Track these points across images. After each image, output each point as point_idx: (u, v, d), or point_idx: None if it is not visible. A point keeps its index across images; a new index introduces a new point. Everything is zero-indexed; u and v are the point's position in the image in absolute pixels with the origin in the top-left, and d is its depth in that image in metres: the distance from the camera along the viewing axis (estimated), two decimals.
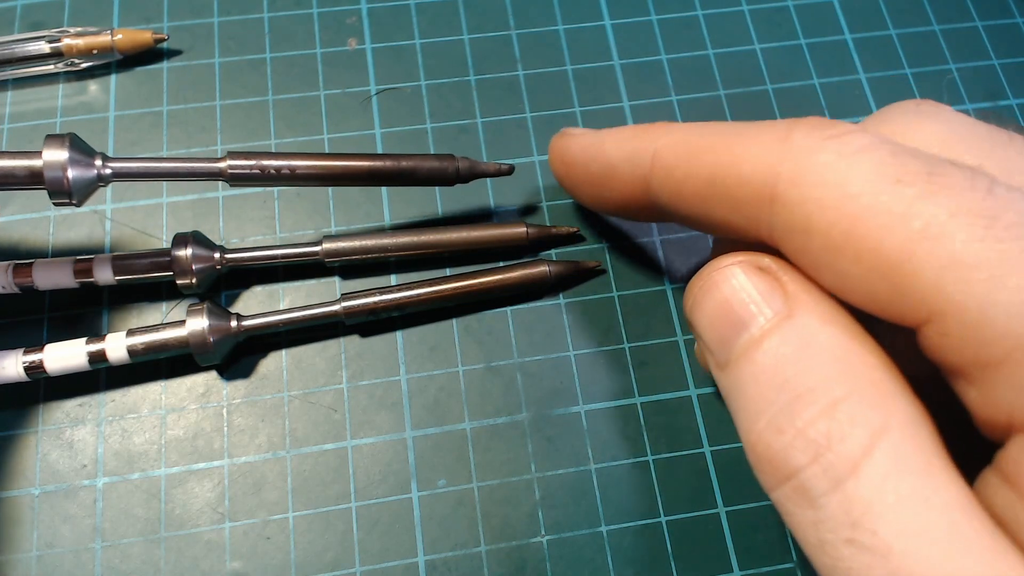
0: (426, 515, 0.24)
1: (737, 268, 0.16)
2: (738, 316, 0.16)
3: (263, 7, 0.31)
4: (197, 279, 0.25)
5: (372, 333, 0.26)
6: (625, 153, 0.20)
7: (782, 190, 0.15)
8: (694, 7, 0.32)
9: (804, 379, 0.14)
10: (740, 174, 0.16)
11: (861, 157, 0.14)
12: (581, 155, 0.22)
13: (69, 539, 0.24)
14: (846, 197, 0.14)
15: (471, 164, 0.25)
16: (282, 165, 0.23)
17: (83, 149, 0.22)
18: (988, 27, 0.32)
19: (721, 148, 0.17)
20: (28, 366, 0.23)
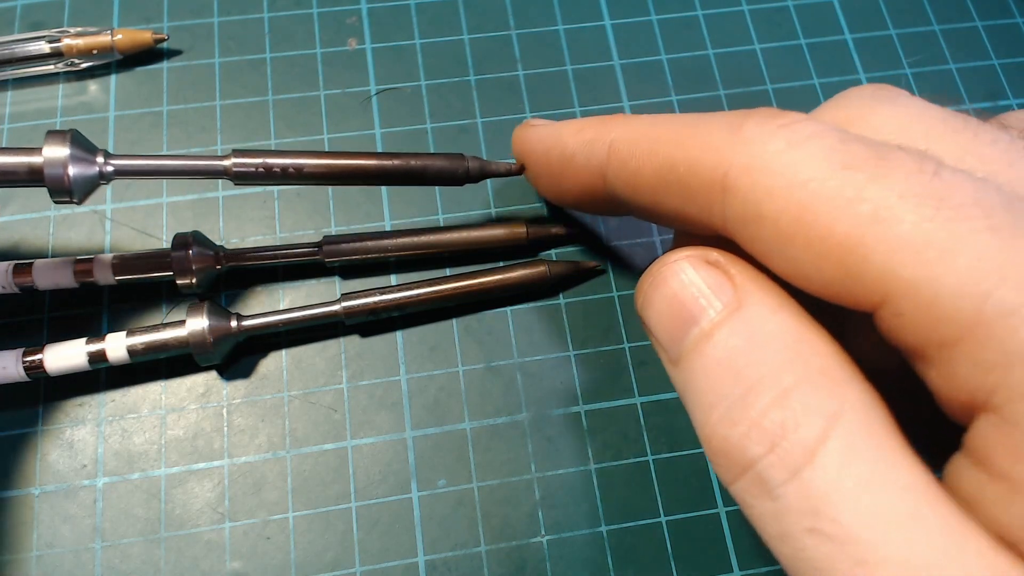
0: (426, 515, 0.24)
1: (685, 263, 0.16)
2: (687, 311, 0.16)
3: (263, 7, 0.31)
4: (197, 279, 0.25)
5: (372, 333, 0.26)
6: (581, 144, 0.20)
7: (733, 179, 0.15)
8: (694, 7, 0.32)
9: (755, 370, 0.14)
10: (692, 165, 0.16)
11: (810, 144, 0.14)
12: (539, 145, 0.22)
13: (69, 539, 0.24)
14: (795, 184, 0.14)
15: (481, 164, 0.24)
16: (288, 164, 0.23)
17: (85, 146, 0.21)
18: (988, 27, 0.32)
19: (674, 139, 0.17)
20: (28, 366, 0.23)
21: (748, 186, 0.15)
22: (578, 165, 0.20)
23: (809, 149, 0.14)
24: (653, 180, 0.17)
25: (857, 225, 0.13)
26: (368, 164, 0.23)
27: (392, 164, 0.23)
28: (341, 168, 0.23)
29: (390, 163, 0.23)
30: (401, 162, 0.24)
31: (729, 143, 0.15)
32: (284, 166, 0.23)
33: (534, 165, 0.23)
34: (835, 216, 0.13)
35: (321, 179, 0.23)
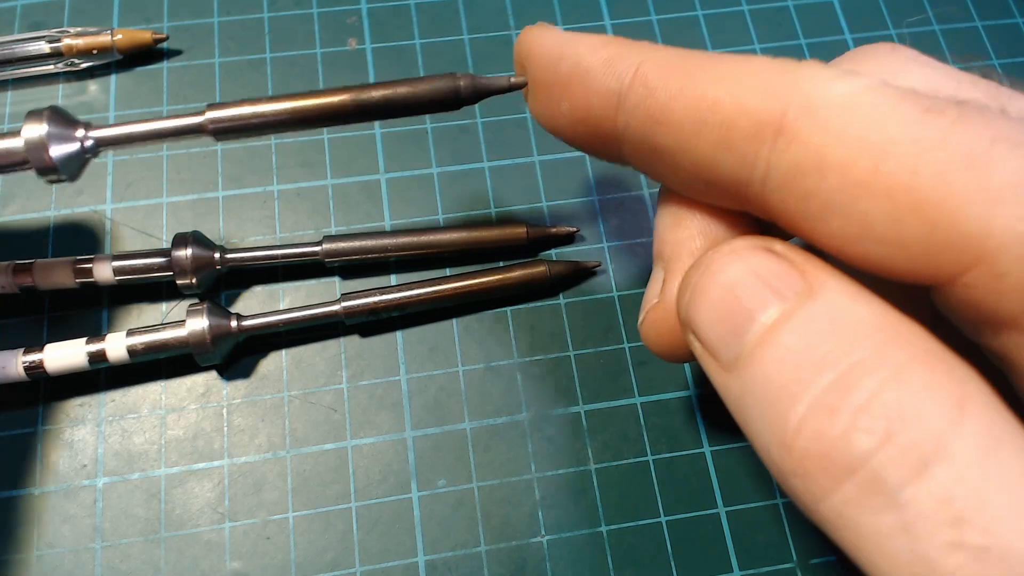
0: (426, 515, 0.24)
1: (744, 251, 0.14)
2: (747, 305, 0.13)
3: (263, 7, 0.31)
4: (197, 279, 0.25)
5: (372, 333, 0.26)
6: (602, 59, 0.16)
7: (791, 121, 0.13)
8: (694, 7, 0.32)
9: (850, 354, 0.12)
10: (739, 103, 0.14)
11: (881, 89, 0.13)
12: (548, 51, 0.18)
13: (69, 539, 0.24)
14: (871, 128, 0.12)
15: (475, 81, 0.22)
16: (265, 111, 0.21)
17: (65, 121, 0.21)
18: (988, 27, 0.32)
19: (716, 73, 0.14)
20: (28, 366, 0.23)
21: (811, 129, 0.13)
22: (591, 84, 0.17)
23: (881, 92, 0.13)
24: (685, 117, 0.15)
25: (946, 173, 0.11)
26: (349, 99, 0.21)
27: (376, 96, 0.21)
28: (320, 109, 0.21)
29: (374, 94, 0.21)
30: (386, 92, 0.21)
31: (786, 83, 0.13)
32: (261, 115, 0.21)
33: (537, 74, 0.18)
34: (920, 163, 0.12)
35: (301, 124, 0.21)
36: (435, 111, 0.22)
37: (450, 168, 0.29)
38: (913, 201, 0.12)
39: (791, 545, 0.24)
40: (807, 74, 0.13)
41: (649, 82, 0.15)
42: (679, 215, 0.17)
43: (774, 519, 0.24)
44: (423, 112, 0.22)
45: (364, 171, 0.29)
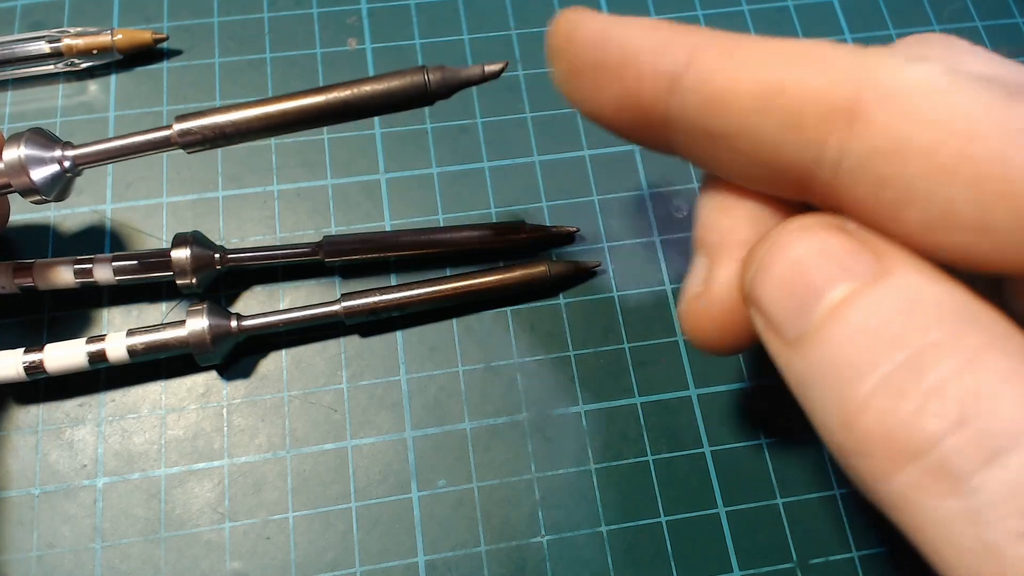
0: (426, 515, 0.24)
1: (814, 226, 0.13)
2: (817, 280, 0.13)
3: (263, 7, 0.31)
4: (197, 279, 0.25)
5: (372, 333, 0.26)
6: (654, 42, 0.15)
7: (868, 105, 0.12)
8: (694, 7, 0.32)
9: (925, 333, 0.11)
10: (809, 86, 0.13)
11: (960, 74, 0.12)
12: (595, 34, 0.16)
13: (69, 539, 0.24)
14: (955, 112, 0.12)
15: (445, 74, 0.21)
16: (229, 121, 0.21)
17: (44, 143, 0.21)
18: (988, 27, 0.32)
19: (780, 55, 0.14)
20: (28, 366, 0.23)
21: (891, 113, 0.12)
22: (643, 67, 0.15)
23: (961, 77, 0.12)
24: (747, 101, 0.14)
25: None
26: (316, 101, 0.21)
27: (342, 96, 0.21)
28: (287, 114, 0.21)
29: (339, 95, 0.21)
30: (351, 92, 0.21)
31: (858, 66, 0.13)
32: (225, 125, 0.21)
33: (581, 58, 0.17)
34: (1010, 148, 0.11)
35: (271, 130, 0.21)
36: (407, 107, 0.21)
37: (450, 168, 0.29)
38: (1002, 188, 0.11)
39: (791, 545, 0.24)
40: (878, 58, 0.13)
41: (707, 64, 0.14)
42: (726, 203, 0.17)
43: (774, 519, 0.24)
44: (396, 109, 0.21)
45: (364, 171, 0.29)
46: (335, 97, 0.21)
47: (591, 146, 0.29)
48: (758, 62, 0.14)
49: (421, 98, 0.21)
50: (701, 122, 0.15)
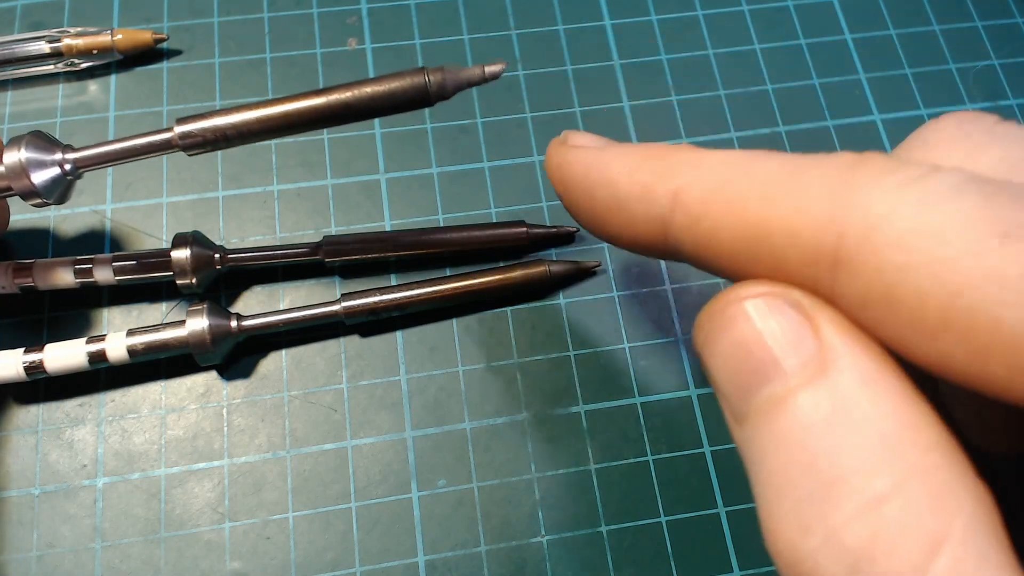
0: (426, 515, 0.24)
1: (760, 302, 0.13)
2: (758, 363, 0.13)
3: (263, 7, 0.31)
4: (197, 279, 0.25)
5: (372, 333, 0.26)
6: (638, 189, 0.15)
7: (849, 252, 0.12)
8: (694, 7, 0.32)
9: (839, 461, 0.11)
10: (789, 231, 0.13)
11: (950, 206, 0.11)
12: (583, 179, 0.17)
13: (69, 539, 0.24)
14: (941, 262, 0.11)
15: (445, 76, 0.21)
16: (230, 124, 0.21)
17: (44, 147, 0.21)
18: (988, 27, 0.32)
19: (761, 195, 0.13)
20: (28, 366, 0.23)
21: (872, 262, 0.11)
22: (632, 212, 0.16)
23: (951, 211, 0.11)
24: (734, 246, 0.14)
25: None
26: (316, 103, 0.21)
27: (342, 98, 0.21)
28: (288, 116, 0.21)
29: (339, 97, 0.21)
30: (352, 94, 0.21)
31: (840, 203, 0.12)
32: (227, 128, 0.21)
33: (575, 201, 0.17)
34: (1002, 304, 0.10)
35: (271, 132, 0.21)
36: (408, 108, 0.21)
37: (450, 168, 0.29)
38: (996, 345, 0.11)
39: None
40: (864, 190, 0.12)
41: (691, 210, 0.14)
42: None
43: None
44: (396, 111, 0.21)
45: (364, 171, 0.29)
46: (335, 99, 0.21)
47: None
48: (739, 205, 0.13)
49: (422, 100, 0.21)
50: (701, 260, 0.15)
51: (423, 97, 0.21)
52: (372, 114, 0.21)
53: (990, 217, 0.11)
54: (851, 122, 0.30)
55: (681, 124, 0.30)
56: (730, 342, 0.13)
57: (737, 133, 0.30)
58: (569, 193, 0.17)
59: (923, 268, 0.11)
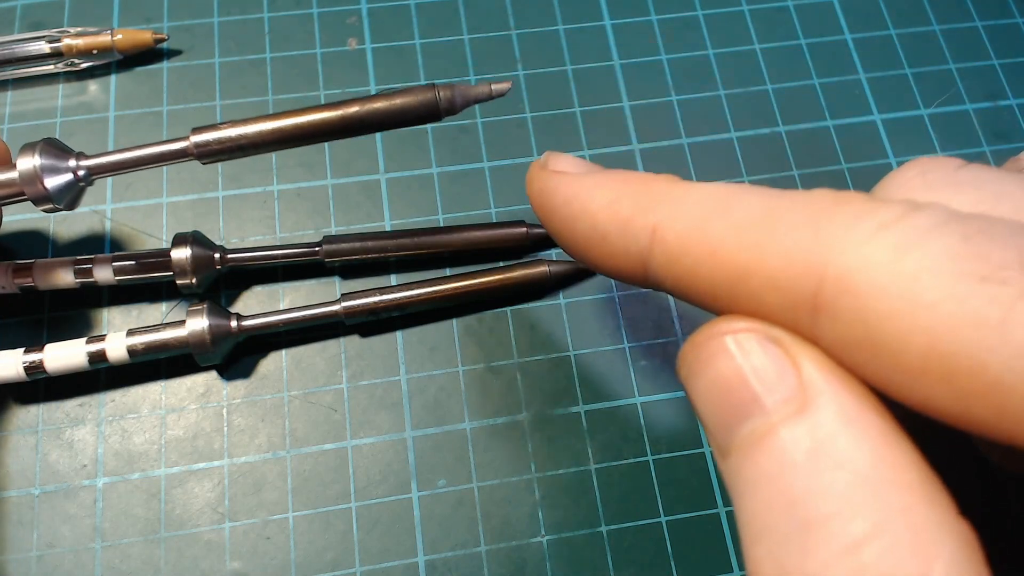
0: (426, 515, 0.24)
1: (741, 337, 0.13)
2: (740, 399, 0.13)
3: (263, 7, 0.31)
4: (197, 279, 0.25)
5: (372, 333, 0.26)
6: (616, 222, 0.15)
7: (828, 299, 0.12)
8: (694, 7, 0.32)
9: (818, 503, 0.11)
10: (768, 276, 0.12)
11: (927, 248, 0.11)
12: (563, 208, 0.17)
13: (69, 539, 0.24)
14: (920, 307, 0.11)
15: (455, 92, 0.22)
16: (248, 132, 0.22)
17: (58, 152, 0.22)
18: (988, 27, 0.32)
19: (740, 239, 0.13)
20: (28, 366, 0.23)
21: (851, 309, 0.11)
22: (612, 245, 0.16)
23: (928, 255, 0.11)
24: (714, 286, 0.14)
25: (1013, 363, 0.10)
26: (330, 117, 0.22)
27: (354, 113, 0.21)
28: (303, 127, 0.22)
29: (352, 112, 0.21)
30: (364, 108, 0.21)
31: (818, 247, 0.12)
32: (243, 138, 0.22)
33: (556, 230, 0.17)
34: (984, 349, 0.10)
35: (285, 143, 0.22)
36: (417, 123, 0.22)
37: (450, 168, 0.29)
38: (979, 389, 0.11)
39: None
40: (841, 235, 0.12)
41: (669, 248, 0.14)
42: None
43: None
44: (406, 125, 0.22)
45: (364, 171, 0.29)
46: (348, 113, 0.21)
47: (591, 146, 0.29)
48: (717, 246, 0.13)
49: (432, 115, 0.22)
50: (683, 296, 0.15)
51: (433, 113, 0.22)
52: (383, 127, 0.22)
53: (969, 259, 0.11)
54: (851, 122, 0.30)
55: (681, 124, 0.30)
56: (712, 377, 0.13)
57: (737, 133, 0.30)
58: (550, 222, 0.17)
59: (903, 314, 0.11)
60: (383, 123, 0.22)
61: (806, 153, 0.30)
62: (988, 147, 0.30)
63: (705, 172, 0.29)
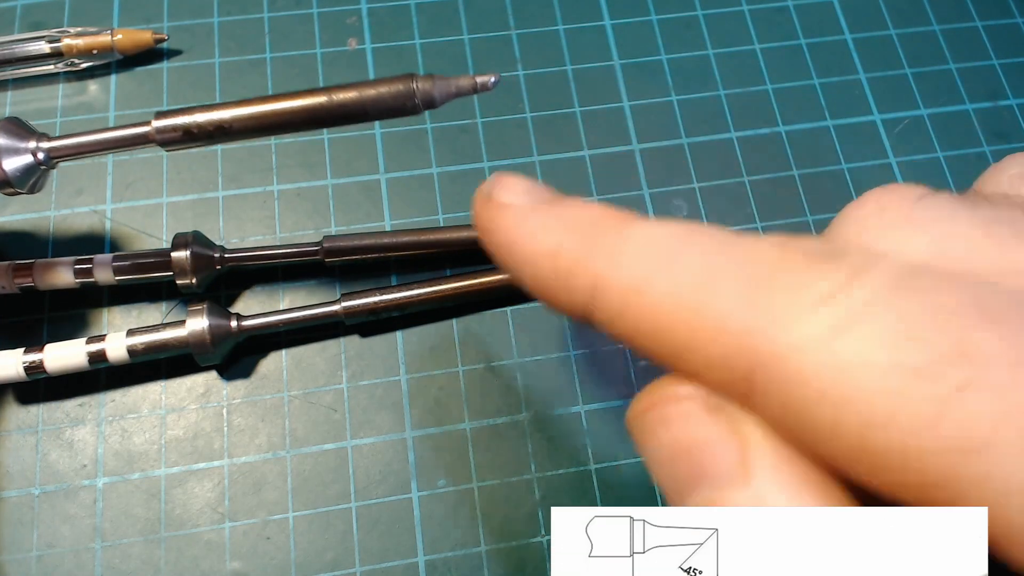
0: (426, 515, 0.24)
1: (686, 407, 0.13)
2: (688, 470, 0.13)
3: (263, 7, 0.31)
4: (197, 279, 0.25)
5: (372, 333, 0.26)
6: (558, 273, 0.14)
7: (760, 383, 0.12)
8: (694, 7, 0.32)
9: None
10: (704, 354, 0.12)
11: (863, 332, 0.11)
12: (505, 251, 0.15)
13: (69, 539, 0.24)
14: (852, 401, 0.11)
15: (436, 84, 0.20)
16: (210, 120, 0.20)
17: (19, 133, 0.21)
18: (988, 27, 0.32)
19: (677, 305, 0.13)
20: (28, 366, 0.23)
21: (781, 394, 0.11)
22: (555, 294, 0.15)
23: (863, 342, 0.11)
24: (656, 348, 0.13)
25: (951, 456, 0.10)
26: (297, 106, 0.20)
27: (325, 102, 0.20)
28: (268, 116, 0.20)
29: (322, 100, 0.20)
30: (334, 97, 0.20)
31: (752, 323, 0.12)
32: (206, 124, 0.20)
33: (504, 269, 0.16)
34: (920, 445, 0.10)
35: (250, 132, 0.21)
36: (393, 116, 0.20)
37: (450, 168, 0.29)
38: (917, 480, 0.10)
39: None
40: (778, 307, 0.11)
41: (609, 306, 0.14)
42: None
43: None
44: (381, 117, 0.20)
45: (364, 171, 0.29)
46: (316, 101, 0.20)
47: (591, 146, 0.29)
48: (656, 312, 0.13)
49: (409, 108, 0.20)
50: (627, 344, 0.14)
51: (410, 105, 0.20)
52: (357, 118, 0.20)
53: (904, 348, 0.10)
54: (851, 122, 0.30)
55: (681, 124, 0.30)
56: (655, 450, 0.13)
57: (737, 133, 0.30)
58: (496, 259, 0.16)
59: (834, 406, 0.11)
60: (355, 114, 0.20)
61: (806, 153, 0.30)
62: (988, 147, 0.30)
63: (705, 172, 0.29)
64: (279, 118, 0.20)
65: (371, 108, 0.20)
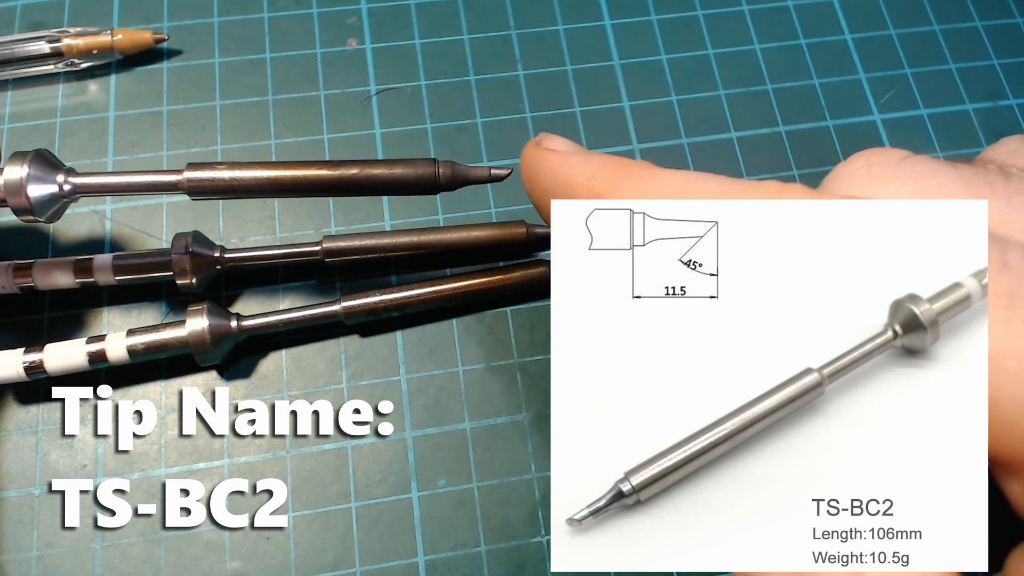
0: (426, 515, 0.24)
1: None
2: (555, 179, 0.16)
3: (263, 7, 0.31)
4: (197, 279, 0.25)
5: (372, 333, 0.26)
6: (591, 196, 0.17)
7: None
8: (694, 7, 0.32)
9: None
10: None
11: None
12: (548, 180, 0.18)
13: (69, 539, 0.24)
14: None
15: (455, 170, 0.22)
16: (240, 178, 0.22)
17: (47, 165, 0.22)
18: (988, 27, 0.32)
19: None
20: (28, 366, 0.23)
21: None
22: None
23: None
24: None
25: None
26: (327, 175, 0.22)
27: (351, 174, 0.22)
28: (297, 181, 0.22)
29: (348, 173, 0.22)
30: (361, 171, 0.22)
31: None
32: (237, 180, 0.22)
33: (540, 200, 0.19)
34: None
35: (278, 192, 0.22)
36: (413, 193, 0.23)
37: None
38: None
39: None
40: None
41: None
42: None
43: None
44: (402, 193, 0.23)
45: None
46: (346, 175, 0.22)
47: (591, 146, 0.29)
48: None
49: (429, 188, 0.22)
50: None
51: (430, 186, 0.22)
52: (379, 192, 0.22)
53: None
54: (851, 122, 0.30)
55: (681, 124, 0.30)
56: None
57: (737, 133, 0.30)
58: (534, 191, 0.19)
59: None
60: (379, 189, 0.22)
61: (806, 153, 0.30)
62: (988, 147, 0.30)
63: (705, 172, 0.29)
64: (308, 185, 0.22)
65: (395, 186, 0.22)
